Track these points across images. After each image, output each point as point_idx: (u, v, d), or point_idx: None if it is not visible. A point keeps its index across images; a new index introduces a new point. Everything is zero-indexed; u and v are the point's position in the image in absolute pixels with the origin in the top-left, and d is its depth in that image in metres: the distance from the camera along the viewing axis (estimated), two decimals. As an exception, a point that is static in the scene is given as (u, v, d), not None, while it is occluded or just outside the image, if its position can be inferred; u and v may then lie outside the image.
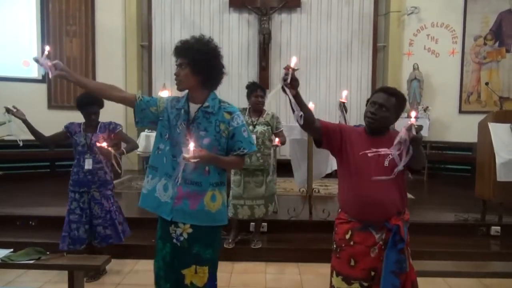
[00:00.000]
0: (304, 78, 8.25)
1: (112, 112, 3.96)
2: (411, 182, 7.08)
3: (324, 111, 7.86)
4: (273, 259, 4.00)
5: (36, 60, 2.02)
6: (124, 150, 3.43)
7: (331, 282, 2.16)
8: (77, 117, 3.57)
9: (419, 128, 1.83)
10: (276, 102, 8.20)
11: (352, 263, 2.05)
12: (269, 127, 3.95)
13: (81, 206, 3.46)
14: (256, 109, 3.96)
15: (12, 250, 2.60)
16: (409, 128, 1.83)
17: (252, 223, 4.29)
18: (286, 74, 1.83)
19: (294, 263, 3.94)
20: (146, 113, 2.18)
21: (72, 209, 3.47)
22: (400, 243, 1.98)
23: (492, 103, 7.42)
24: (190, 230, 2.12)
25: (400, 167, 1.91)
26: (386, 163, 2.01)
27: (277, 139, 3.91)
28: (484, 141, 4.42)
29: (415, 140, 1.85)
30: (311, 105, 4.52)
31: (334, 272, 2.13)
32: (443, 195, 6.20)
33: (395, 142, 1.88)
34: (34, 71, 7.62)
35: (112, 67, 7.93)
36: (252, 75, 8.23)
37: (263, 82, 8.11)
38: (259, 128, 3.90)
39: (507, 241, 4.27)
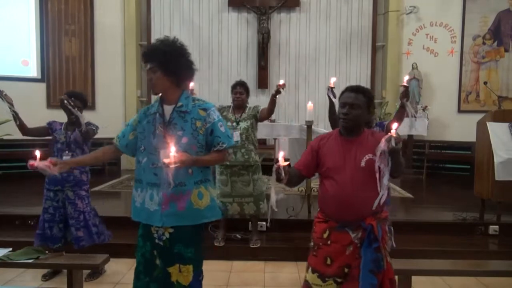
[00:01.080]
0: (303, 77, 8.27)
1: (112, 113, 3.96)
2: (410, 181, 7.10)
3: (323, 110, 7.84)
4: (272, 258, 4.00)
5: (35, 167, 2.06)
6: (82, 117, 3.35)
7: (305, 277, 2.21)
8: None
9: (398, 139, 1.84)
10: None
11: (329, 261, 2.11)
12: (252, 120, 3.98)
13: (54, 205, 3.44)
14: (237, 105, 3.99)
15: (11, 249, 2.61)
16: (388, 139, 1.84)
17: (250, 223, 4.30)
18: (279, 174, 1.88)
19: (293, 262, 3.94)
20: (130, 144, 2.25)
21: (46, 208, 3.45)
22: (374, 242, 2.03)
23: (491, 103, 7.43)
24: (171, 230, 2.15)
25: (385, 181, 1.91)
26: (363, 163, 2.05)
27: (281, 81, 3.91)
28: (482, 140, 4.43)
29: (393, 152, 1.86)
30: (310, 105, 4.57)
31: (310, 269, 2.18)
32: (442, 194, 6.21)
33: (377, 154, 1.88)
34: (33, 70, 7.63)
35: (111, 67, 7.93)
36: (251, 74, 8.24)
37: (262, 82, 8.14)
38: (242, 124, 3.93)
39: (505, 240, 4.28)
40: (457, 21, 7.77)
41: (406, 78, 3.17)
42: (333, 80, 3.56)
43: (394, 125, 1.89)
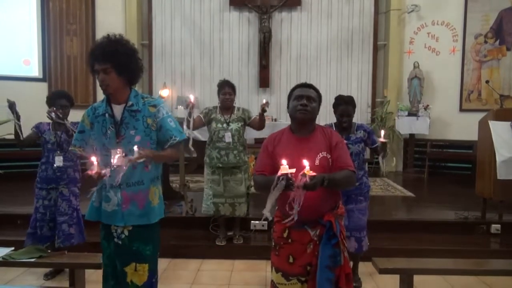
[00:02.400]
0: (304, 77, 8.25)
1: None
2: (412, 180, 7.09)
3: (324, 109, 7.83)
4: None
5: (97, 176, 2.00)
6: (68, 124, 3.35)
7: (271, 277, 2.22)
8: (76, 115, 3.56)
9: (311, 177, 1.81)
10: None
11: (291, 260, 2.12)
12: (242, 122, 3.97)
13: (45, 204, 3.44)
14: (225, 106, 3.97)
15: (13, 248, 2.61)
16: (303, 175, 1.82)
17: (252, 221, 4.30)
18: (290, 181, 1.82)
19: (294, 261, 3.94)
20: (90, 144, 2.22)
21: (37, 207, 3.45)
22: (333, 238, 2.04)
23: (493, 101, 7.41)
24: (130, 228, 2.14)
25: (295, 210, 1.89)
26: (317, 161, 2.05)
27: (264, 100, 3.88)
28: (484, 139, 4.42)
29: (306, 187, 1.82)
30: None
31: (274, 269, 2.19)
32: (444, 193, 6.20)
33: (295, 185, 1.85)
34: (34, 70, 7.64)
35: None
36: (253, 73, 8.23)
37: (263, 81, 8.14)
38: (233, 126, 3.91)
39: (507, 239, 4.27)
40: (459, 19, 7.75)
41: (382, 132, 3.14)
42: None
43: (306, 164, 1.83)
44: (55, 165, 3.38)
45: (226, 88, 3.94)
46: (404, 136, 7.87)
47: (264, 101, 3.87)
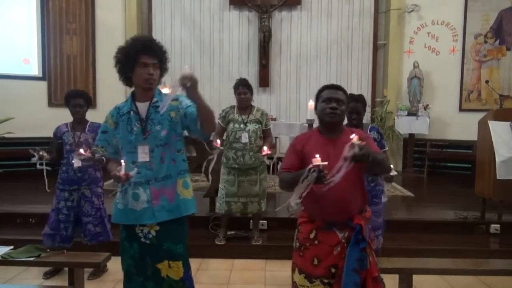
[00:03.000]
0: (304, 76, 8.26)
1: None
2: (411, 179, 7.09)
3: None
4: (273, 257, 4.00)
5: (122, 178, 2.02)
6: (104, 158, 3.38)
7: (292, 278, 2.20)
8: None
9: (361, 146, 1.79)
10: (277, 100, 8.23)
11: (316, 262, 2.09)
12: (260, 125, 3.95)
13: (68, 206, 3.45)
14: (242, 106, 3.94)
15: (12, 247, 2.61)
16: (351, 146, 1.81)
17: (251, 221, 4.30)
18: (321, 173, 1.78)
19: (293, 261, 3.94)
20: (117, 149, 2.23)
21: (60, 208, 3.45)
22: (362, 242, 2.02)
23: (493, 101, 7.41)
24: (157, 228, 2.14)
25: (337, 179, 1.85)
26: None
27: (265, 148, 3.80)
28: (484, 139, 4.42)
29: (355, 158, 1.81)
30: (311, 103, 4.56)
31: (297, 270, 2.16)
32: (443, 193, 6.20)
33: (341, 160, 1.85)
34: (34, 69, 7.63)
35: (112, 66, 7.84)
36: (253, 73, 8.23)
37: (263, 80, 8.13)
38: (251, 127, 3.88)
39: (506, 239, 4.28)
40: (459, 19, 7.75)
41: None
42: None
43: (354, 137, 1.82)
44: (74, 166, 3.37)
45: (240, 88, 3.89)
46: (404, 136, 7.87)
47: (265, 149, 3.78)
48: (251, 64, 8.28)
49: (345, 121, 3.30)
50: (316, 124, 5.31)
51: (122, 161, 2.02)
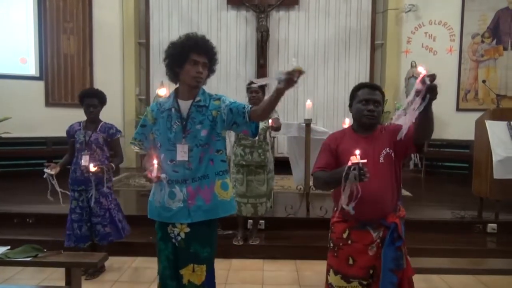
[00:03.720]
0: (302, 76, 8.24)
1: (110, 111, 3.96)
2: (408, 179, 7.10)
3: (321, 108, 7.87)
4: (271, 256, 4.00)
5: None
6: (113, 165, 3.46)
7: (327, 280, 2.16)
8: (74, 114, 3.58)
9: (433, 77, 1.68)
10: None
11: (351, 261, 2.06)
12: (267, 120, 3.95)
13: (80, 205, 3.48)
14: (254, 104, 3.94)
15: (9, 247, 2.60)
16: (422, 81, 1.69)
17: (249, 220, 4.30)
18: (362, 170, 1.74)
19: (291, 260, 3.95)
20: (152, 144, 2.22)
21: (73, 208, 3.48)
22: (398, 240, 1.99)
23: (490, 101, 7.43)
24: (187, 230, 2.11)
25: (412, 117, 1.78)
26: (381, 159, 2.02)
27: (270, 120, 3.82)
28: (481, 138, 4.43)
29: (431, 89, 1.69)
30: (308, 103, 4.56)
31: (332, 271, 2.12)
32: (440, 193, 6.21)
33: (411, 94, 1.74)
34: (31, 68, 7.61)
35: (110, 65, 7.92)
36: (250, 72, 8.22)
37: (261, 80, 8.10)
38: (260, 124, 3.89)
39: (503, 238, 4.28)
40: (456, 19, 7.77)
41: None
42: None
43: (420, 68, 1.71)
44: (81, 165, 3.36)
45: (252, 86, 3.93)
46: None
47: (269, 121, 3.78)
48: (249, 63, 8.28)
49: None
50: (315, 124, 5.32)
51: (155, 162, 2.00)
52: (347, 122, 3.47)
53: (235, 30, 8.27)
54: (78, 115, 3.58)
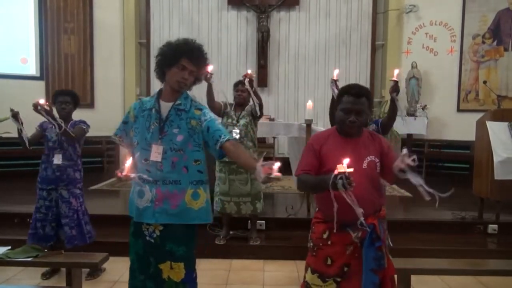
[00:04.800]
0: (302, 76, 8.27)
1: (111, 111, 3.95)
2: (409, 180, 7.08)
3: (322, 108, 7.86)
4: (271, 257, 4.00)
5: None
6: (62, 124, 3.21)
7: (304, 277, 2.20)
8: (75, 113, 3.56)
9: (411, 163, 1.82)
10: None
11: (329, 262, 2.09)
12: (250, 117, 3.99)
13: (46, 205, 3.41)
14: (239, 102, 4.02)
15: (10, 247, 2.60)
16: (402, 160, 1.81)
17: (249, 221, 4.30)
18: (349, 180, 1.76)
19: (292, 261, 3.94)
20: (132, 140, 2.23)
21: (38, 207, 3.42)
22: (377, 241, 2.02)
23: (490, 102, 7.43)
24: (161, 228, 2.14)
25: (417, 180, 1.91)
26: (365, 165, 2.04)
27: (249, 71, 3.91)
28: (482, 139, 4.43)
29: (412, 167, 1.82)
30: (309, 104, 4.57)
31: (310, 269, 2.16)
32: (441, 193, 6.19)
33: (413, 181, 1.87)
34: (32, 68, 7.61)
35: (110, 65, 7.92)
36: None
37: (261, 80, 8.13)
38: (242, 121, 3.95)
39: (504, 239, 4.28)
40: (457, 20, 7.77)
41: (396, 71, 3.13)
42: (336, 72, 3.54)
43: (404, 151, 1.81)
44: (54, 163, 3.35)
45: (240, 86, 4.00)
46: (402, 136, 7.87)
47: (249, 71, 3.85)
48: (249, 64, 8.27)
49: None
50: (315, 125, 5.31)
51: (128, 161, 2.02)
52: (336, 74, 3.54)
53: (235, 30, 8.27)
54: (79, 115, 3.56)
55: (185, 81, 2.13)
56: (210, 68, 3.82)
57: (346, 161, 1.75)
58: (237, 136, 3.86)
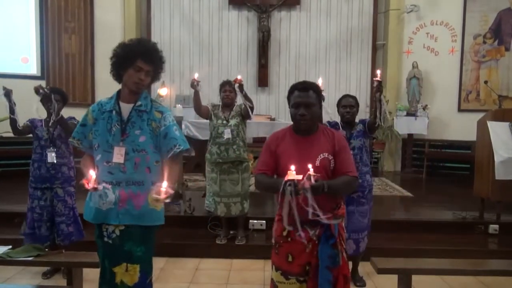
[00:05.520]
0: (303, 76, 8.25)
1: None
2: (410, 180, 7.09)
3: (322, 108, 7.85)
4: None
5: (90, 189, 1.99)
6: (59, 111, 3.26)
7: (271, 275, 2.22)
8: (74, 113, 3.56)
9: (316, 179, 1.81)
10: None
11: (290, 259, 2.11)
12: (240, 117, 4.01)
13: (41, 204, 3.38)
14: (226, 103, 4.03)
15: (10, 247, 2.60)
16: (308, 177, 1.81)
17: (251, 221, 4.30)
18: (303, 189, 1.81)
19: (292, 261, 3.94)
20: (91, 144, 2.19)
21: (33, 207, 3.39)
22: (331, 238, 2.05)
23: (491, 102, 7.42)
24: (122, 227, 2.10)
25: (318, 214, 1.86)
26: (318, 162, 2.04)
27: (239, 76, 3.90)
28: (483, 139, 4.42)
29: (314, 189, 1.81)
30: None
31: (274, 267, 2.19)
32: (442, 193, 6.20)
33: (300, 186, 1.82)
34: (32, 68, 7.61)
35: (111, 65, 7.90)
36: (251, 72, 8.23)
37: (262, 80, 8.14)
38: (232, 122, 3.96)
39: (505, 239, 4.28)
40: (458, 20, 7.76)
41: (379, 72, 3.14)
42: (320, 81, 3.55)
43: (310, 171, 1.83)
44: (48, 161, 3.32)
45: (226, 87, 4.03)
46: (403, 136, 7.88)
47: (238, 77, 3.86)
48: (250, 64, 8.28)
49: (338, 122, 3.35)
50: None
51: (93, 173, 1.98)
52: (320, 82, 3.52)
53: (236, 30, 8.27)
54: (80, 114, 3.55)
55: (142, 82, 2.12)
56: (196, 75, 3.84)
57: (293, 167, 1.79)
58: (229, 136, 3.90)
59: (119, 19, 8.05)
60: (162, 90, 7.86)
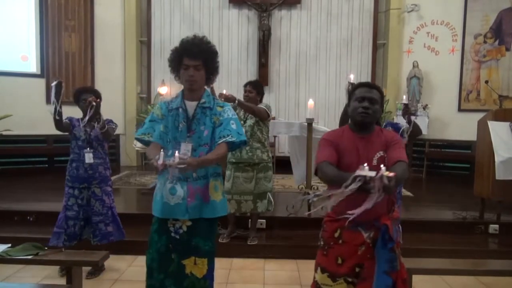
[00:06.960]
0: (303, 75, 8.26)
1: (111, 109, 3.94)
2: (410, 179, 7.09)
3: (323, 107, 7.85)
4: (272, 256, 4.00)
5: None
6: (103, 122, 3.28)
7: (314, 277, 2.16)
8: (74, 111, 3.55)
9: (390, 178, 1.70)
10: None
11: (340, 261, 2.05)
12: (257, 118, 3.95)
13: (79, 203, 3.41)
14: (246, 101, 3.98)
15: (10, 245, 2.59)
16: (380, 178, 1.70)
17: (250, 220, 4.29)
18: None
19: (292, 260, 3.94)
20: (161, 135, 2.27)
21: (70, 205, 3.40)
22: (389, 242, 1.98)
23: (492, 102, 7.42)
24: (189, 223, 2.22)
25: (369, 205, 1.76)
26: (375, 161, 2.01)
27: (224, 91, 3.84)
28: (483, 139, 4.42)
29: (386, 189, 1.71)
30: (310, 102, 4.56)
31: (319, 269, 2.12)
32: (442, 193, 6.20)
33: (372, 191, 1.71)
34: (32, 66, 7.60)
35: (111, 63, 7.90)
36: (252, 71, 8.21)
37: (262, 79, 8.12)
38: (248, 122, 3.94)
39: (505, 239, 4.28)
40: (459, 19, 7.75)
41: (352, 76, 3.16)
42: (352, 76, 3.56)
43: (382, 169, 1.72)
44: (86, 162, 3.35)
45: (247, 87, 4.02)
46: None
47: (224, 91, 3.81)
48: (250, 62, 8.27)
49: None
50: (316, 124, 5.30)
51: (162, 150, 2.06)
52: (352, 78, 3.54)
53: (237, 28, 8.26)
54: (79, 112, 3.55)
55: (193, 78, 2.20)
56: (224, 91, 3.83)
57: (366, 164, 1.70)
58: (243, 133, 3.85)
59: (119, 17, 8.04)
60: (162, 89, 7.86)
